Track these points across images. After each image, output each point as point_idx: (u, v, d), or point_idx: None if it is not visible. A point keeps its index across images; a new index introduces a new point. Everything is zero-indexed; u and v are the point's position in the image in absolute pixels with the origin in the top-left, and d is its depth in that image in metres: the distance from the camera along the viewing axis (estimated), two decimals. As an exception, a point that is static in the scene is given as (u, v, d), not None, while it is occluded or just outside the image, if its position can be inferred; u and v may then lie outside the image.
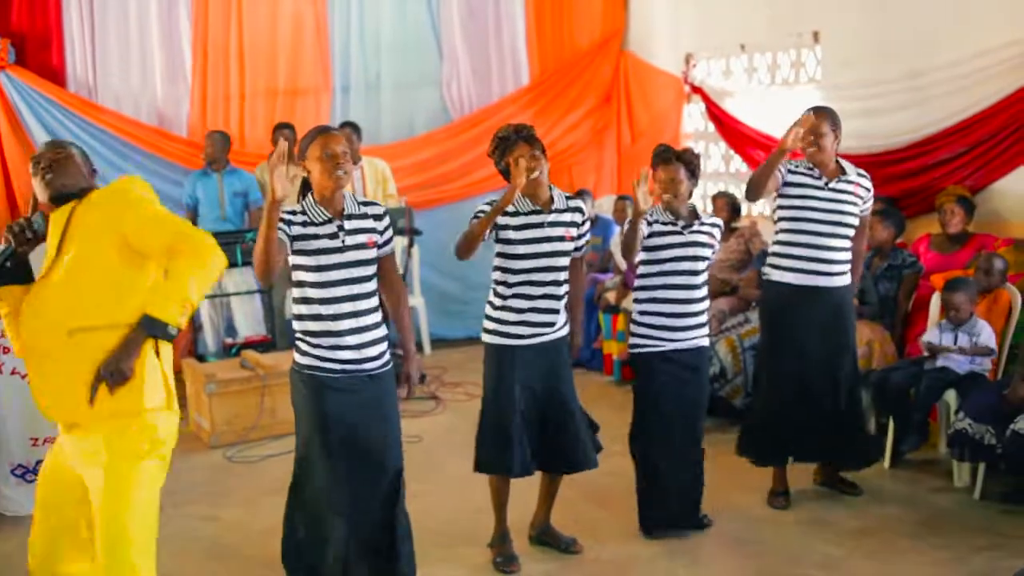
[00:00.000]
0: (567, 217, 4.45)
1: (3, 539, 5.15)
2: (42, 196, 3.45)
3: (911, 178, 6.90)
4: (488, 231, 4.31)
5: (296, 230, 3.77)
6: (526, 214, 4.41)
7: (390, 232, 3.99)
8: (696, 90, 8.98)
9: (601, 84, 9.88)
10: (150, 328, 3.27)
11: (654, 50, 9.59)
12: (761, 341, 5.47)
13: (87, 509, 3.40)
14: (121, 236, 3.29)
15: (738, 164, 8.77)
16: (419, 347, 8.71)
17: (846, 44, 7.42)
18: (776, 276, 5.14)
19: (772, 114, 7.92)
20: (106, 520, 3.27)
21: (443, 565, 4.56)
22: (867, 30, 7.21)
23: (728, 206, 7.64)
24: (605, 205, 9.35)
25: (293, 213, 3.81)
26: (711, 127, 8.94)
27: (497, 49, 9.76)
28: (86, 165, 3.53)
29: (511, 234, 4.38)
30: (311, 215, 3.83)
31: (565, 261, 4.45)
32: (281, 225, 3.69)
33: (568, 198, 4.54)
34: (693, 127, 9.34)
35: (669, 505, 4.85)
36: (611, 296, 7.86)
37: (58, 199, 3.42)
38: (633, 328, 4.85)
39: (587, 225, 4.57)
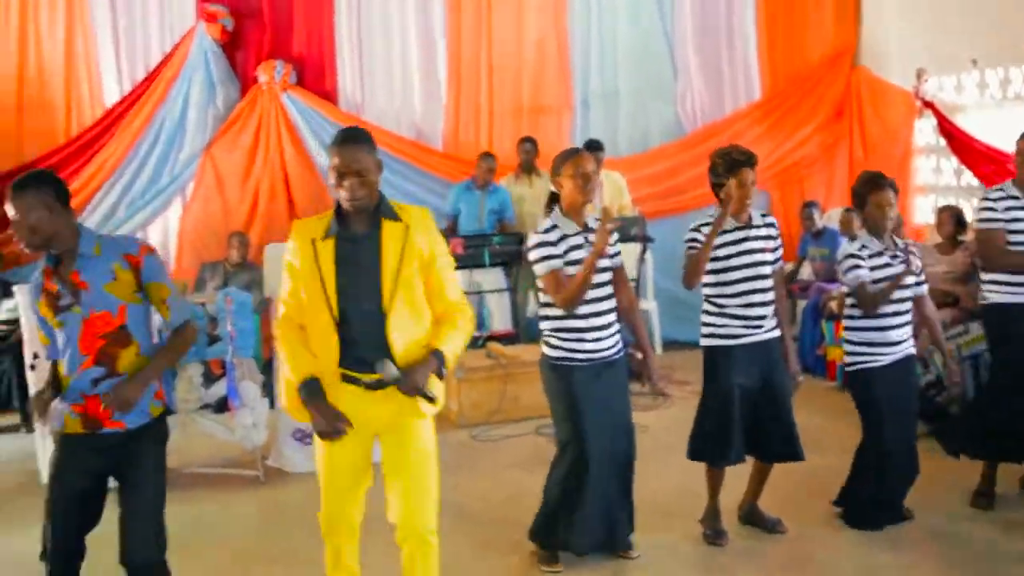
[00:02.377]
0: (764, 232, 5.02)
1: (288, 491, 6.21)
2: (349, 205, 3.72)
3: None
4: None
5: (560, 248, 4.61)
6: (731, 231, 4.97)
7: (619, 246, 4.75)
8: (927, 105, 9.22)
9: (832, 99, 10.21)
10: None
11: (886, 65, 9.86)
12: (993, 359, 5.70)
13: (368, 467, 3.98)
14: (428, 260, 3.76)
15: (968, 178, 8.95)
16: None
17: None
18: (995, 298, 5.38)
19: (1004, 129, 8.09)
20: (417, 465, 3.83)
21: (659, 534, 5.19)
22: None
23: (953, 219, 7.89)
24: (834, 217, 9.68)
25: (549, 231, 4.63)
26: (942, 142, 9.15)
27: (729, 64, 10.26)
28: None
29: (719, 251, 4.95)
30: (563, 227, 4.64)
31: (768, 270, 4.99)
32: (554, 251, 4.58)
33: (762, 215, 5.09)
34: (924, 141, 9.56)
35: (895, 503, 5.27)
36: (834, 305, 8.24)
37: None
38: (848, 347, 5.28)
39: (779, 239, 5.10)
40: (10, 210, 3.68)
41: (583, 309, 4.63)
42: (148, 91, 9.29)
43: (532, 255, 4.67)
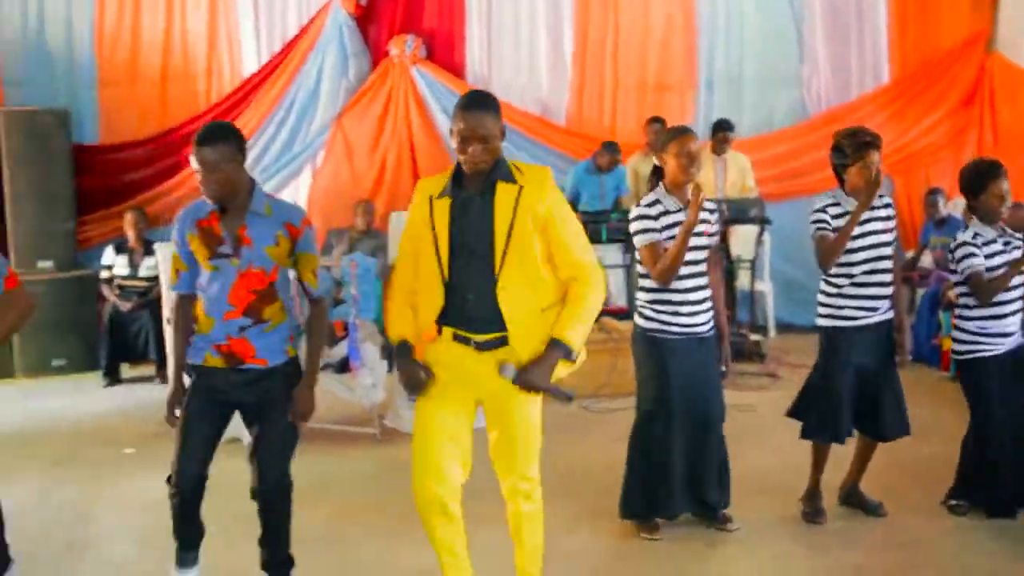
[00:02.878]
0: (884, 213, 5.05)
1: (403, 450, 6.35)
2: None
3: None
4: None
5: (660, 223, 4.75)
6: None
7: (719, 225, 4.89)
8: (1064, 93, 9.02)
9: (964, 85, 10.06)
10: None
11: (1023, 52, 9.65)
12: None
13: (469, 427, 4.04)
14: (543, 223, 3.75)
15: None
16: (763, 329, 9.41)
17: None
18: None
19: None
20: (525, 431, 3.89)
21: (758, 511, 5.30)
22: None
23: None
24: (959, 205, 9.55)
25: (651, 205, 4.77)
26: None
27: (858, 48, 10.18)
28: None
29: None
30: (665, 203, 4.77)
31: (888, 251, 5.04)
32: (653, 224, 4.73)
33: (879, 195, 5.08)
34: (1058, 130, 9.37)
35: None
36: (953, 295, 8.16)
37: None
38: (960, 335, 5.29)
39: (895, 218, 5.12)
40: (197, 160, 3.83)
41: (681, 284, 4.77)
42: (284, 62, 9.72)
43: (632, 227, 4.83)
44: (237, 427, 4.58)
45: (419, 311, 3.83)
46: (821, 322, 5.17)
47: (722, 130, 9.10)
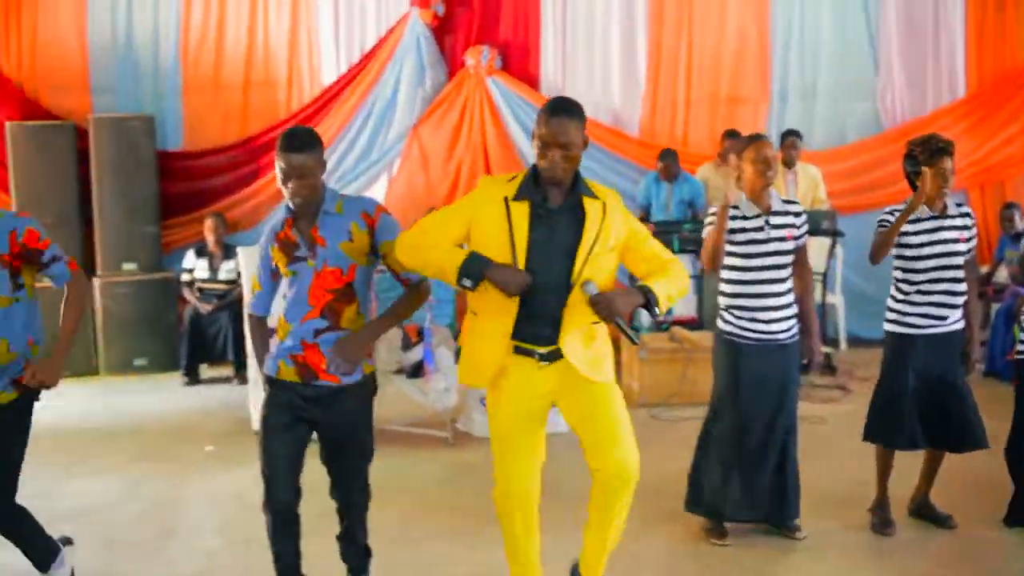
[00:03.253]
0: (959, 222, 5.11)
1: (474, 453, 6.70)
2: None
3: None
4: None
5: (734, 224, 4.84)
6: (925, 219, 5.09)
7: (806, 227, 4.97)
8: None
9: (1042, 99, 9.97)
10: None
11: (1105, 66, 9.57)
12: None
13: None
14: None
15: None
16: (834, 342, 9.43)
17: None
18: None
19: None
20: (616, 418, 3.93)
21: (827, 521, 5.38)
22: None
23: None
24: (1036, 219, 9.51)
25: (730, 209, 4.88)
26: None
27: (934, 61, 10.15)
28: None
29: (911, 239, 5.07)
30: (743, 210, 4.87)
31: (960, 261, 5.09)
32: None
33: (958, 205, 5.17)
34: None
35: None
36: (1027, 309, 8.15)
37: None
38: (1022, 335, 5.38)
39: (976, 229, 5.18)
40: (288, 167, 3.81)
41: (759, 288, 4.86)
42: (363, 72, 9.93)
43: (706, 222, 4.96)
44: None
45: (482, 315, 3.83)
46: (887, 327, 5.25)
47: (790, 136, 9.15)
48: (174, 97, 10.01)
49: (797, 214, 4.97)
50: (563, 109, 3.75)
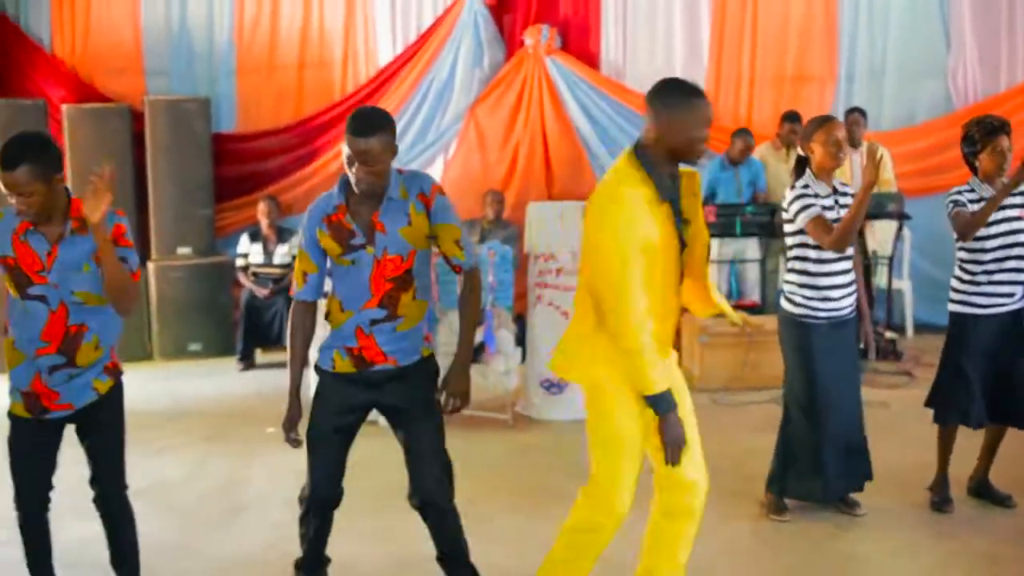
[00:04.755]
0: (1019, 199, 5.45)
1: (534, 435, 7.20)
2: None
3: None
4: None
5: (812, 202, 5.23)
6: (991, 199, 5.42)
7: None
8: None
9: (1124, 77, 10.15)
10: None
11: None
12: None
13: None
14: None
15: None
16: (901, 329, 9.77)
17: None
18: None
19: None
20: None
21: (887, 499, 5.77)
22: None
23: None
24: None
25: (805, 187, 5.27)
26: None
27: (1009, 39, 10.37)
28: None
29: None
30: (816, 189, 5.27)
31: (1023, 238, 5.44)
32: (814, 200, 5.19)
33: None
34: None
35: None
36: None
37: None
38: None
39: None
40: (357, 151, 3.87)
41: (830, 267, 5.25)
42: (420, 51, 10.39)
43: (793, 207, 5.22)
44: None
45: (659, 323, 3.84)
46: (952, 307, 5.59)
47: (854, 113, 9.46)
48: (228, 79, 10.53)
49: (852, 195, 5.36)
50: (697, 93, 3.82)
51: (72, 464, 4.42)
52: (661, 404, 3.75)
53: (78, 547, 5.01)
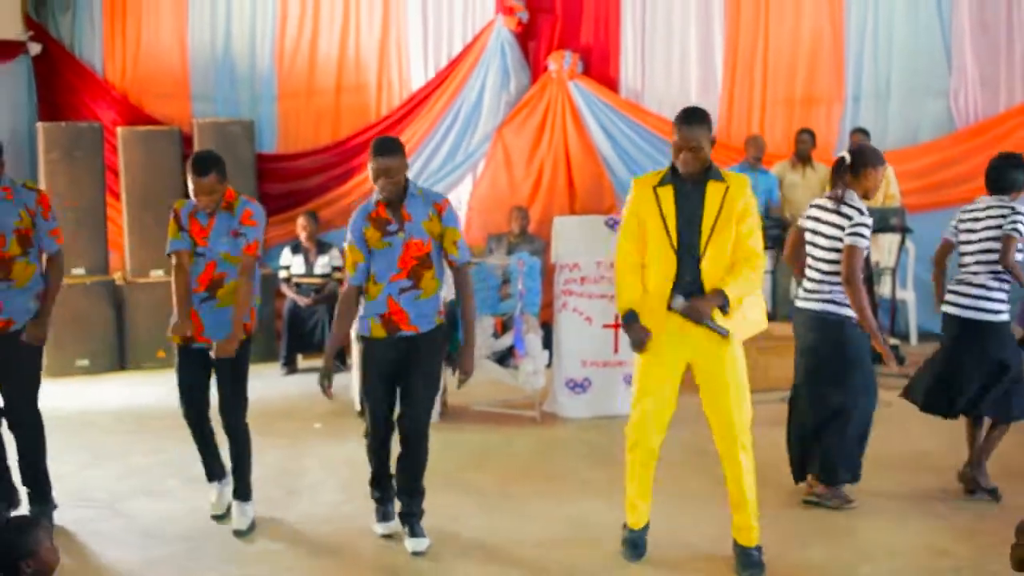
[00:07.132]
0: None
1: (560, 431, 7.85)
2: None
3: None
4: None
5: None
6: None
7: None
8: None
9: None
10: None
11: None
12: None
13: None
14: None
15: None
16: (906, 337, 10.35)
17: None
18: None
19: None
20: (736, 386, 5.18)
21: (900, 483, 6.39)
22: None
23: None
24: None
25: (868, 215, 5.95)
26: None
27: (1008, 61, 10.89)
28: None
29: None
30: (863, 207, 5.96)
31: None
32: (868, 232, 5.87)
33: None
34: None
35: None
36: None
37: None
38: None
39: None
40: (379, 168, 5.22)
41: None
42: (450, 77, 11.01)
43: (861, 229, 5.80)
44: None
45: (650, 277, 5.03)
46: (980, 316, 6.20)
47: (857, 132, 10.06)
48: (269, 102, 11.16)
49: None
50: (693, 118, 4.98)
51: (146, 453, 5.08)
52: (623, 319, 5.17)
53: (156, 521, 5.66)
